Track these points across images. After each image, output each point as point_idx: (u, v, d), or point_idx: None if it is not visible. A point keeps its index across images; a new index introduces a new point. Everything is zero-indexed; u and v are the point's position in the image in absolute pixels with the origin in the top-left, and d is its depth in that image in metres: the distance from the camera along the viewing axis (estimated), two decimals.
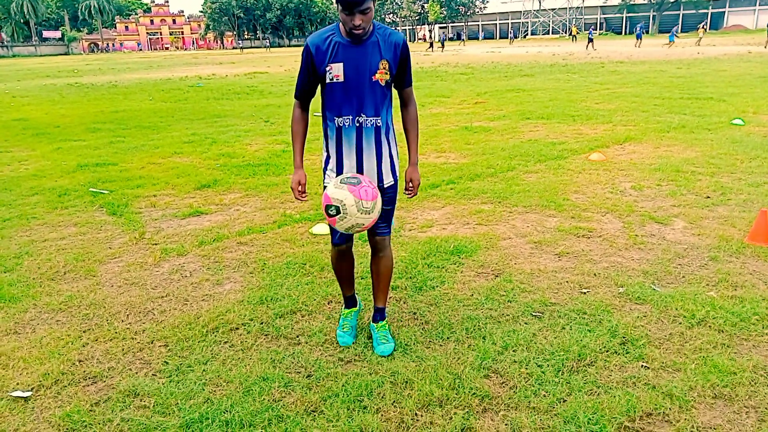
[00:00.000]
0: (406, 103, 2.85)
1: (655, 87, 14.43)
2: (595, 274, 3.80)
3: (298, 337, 3.15)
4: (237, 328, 3.26)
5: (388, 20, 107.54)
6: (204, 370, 2.86)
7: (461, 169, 6.68)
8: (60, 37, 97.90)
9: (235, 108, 13.62)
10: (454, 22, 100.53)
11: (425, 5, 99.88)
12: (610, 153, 7.27)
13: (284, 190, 5.98)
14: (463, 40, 49.81)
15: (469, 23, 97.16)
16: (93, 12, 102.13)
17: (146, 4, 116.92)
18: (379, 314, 3.09)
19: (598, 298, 3.47)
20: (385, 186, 2.85)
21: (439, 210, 5.30)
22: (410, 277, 3.84)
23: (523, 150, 7.53)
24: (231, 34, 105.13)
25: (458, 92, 15.13)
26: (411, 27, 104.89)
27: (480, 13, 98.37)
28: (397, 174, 2.92)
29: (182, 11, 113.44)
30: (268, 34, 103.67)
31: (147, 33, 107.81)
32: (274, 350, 3.01)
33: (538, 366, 2.79)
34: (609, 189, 5.71)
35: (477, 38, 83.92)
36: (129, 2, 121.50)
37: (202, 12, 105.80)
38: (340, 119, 2.71)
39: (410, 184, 2.88)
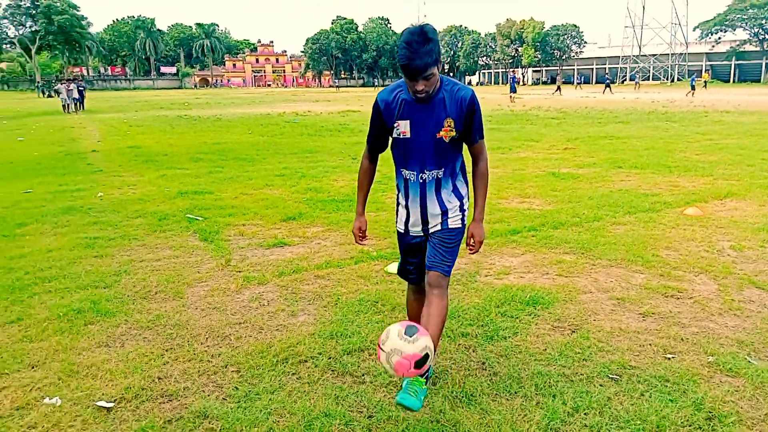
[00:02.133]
0: (475, 158, 2.82)
1: (764, 139, 13.51)
2: (682, 339, 3.56)
3: (363, 375, 3.17)
4: (306, 361, 3.33)
5: (481, 62, 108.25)
6: (270, 399, 2.93)
7: (545, 216, 6.53)
8: (175, 72, 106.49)
9: (325, 144, 14.14)
10: (548, 66, 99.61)
11: (519, 49, 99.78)
12: (709, 208, 6.85)
13: None
14: (559, 87, 48.24)
15: (563, 67, 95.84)
16: (205, 50, 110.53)
17: (253, 44, 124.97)
18: None
19: (684, 365, 3.24)
20: (450, 227, 2.83)
21: (518, 257, 5.19)
22: (482, 325, 3.76)
23: (613, 200, 7.25)
24: (328, 72, 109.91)
25: (548, 137, 14.89)
26: (504, 70, 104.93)
27: (575, 57, 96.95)
28: (465, 221, 2.90)
29: (285, 51, 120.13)
30: (363, 73, 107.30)
31: (252, 70, 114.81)
32: (339, 387, 3.04)
33: None
34: (705, 247, 5.37)
35: (571, 82, 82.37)
36: (238, 42, 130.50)
37: (303, 52, 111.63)
38: (407, 172, 2.79)
39: (472, 240, 2.85)
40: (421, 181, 2.76)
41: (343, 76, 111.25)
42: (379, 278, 4.66)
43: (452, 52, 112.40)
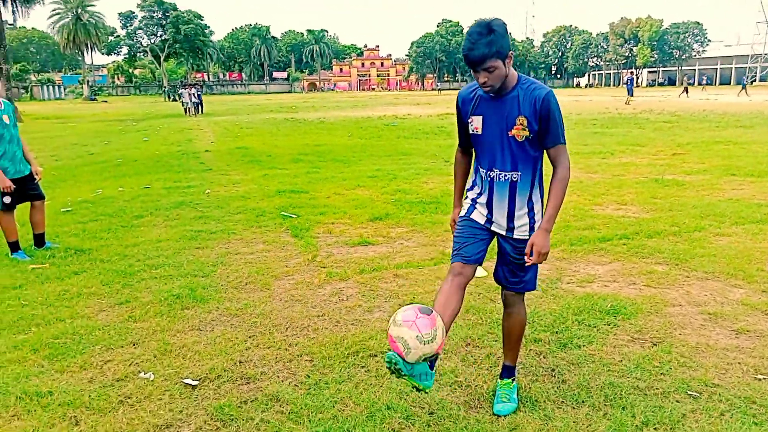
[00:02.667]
0: (553, 163, 2.65)
1: None
2: None
3: None
4: (375, 355, 3.44)
5: (591, 64, 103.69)
6: (338, 389, 3.07)
7: (640, 224, 6.22)
8: (286, 77, 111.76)
9: (421, 147, 14.27)
10: (665, 66, 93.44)
11: (634, 48, 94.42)
12: None
13: (447, 229, 6.13)
14: (686, 89, 44.70)
15: (683, 68, 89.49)
16: (315, 56, 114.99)
17: (360, 49, 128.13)
18: (506, 371, 2.98)
19: None
20: (516, 237, 2.75)
21: (605, 266, 5.00)
22: (556, 332, 3.69)
23: (719, 209, 6.75)
24: (431, 75, 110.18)
25: (656, 141, 14.04)
26: (616, 71, 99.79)
27: (697, 57, 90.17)
28: None
29: (390, 55, 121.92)
30: (466, 76, 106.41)
31: (358, 74, 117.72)
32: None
33: None
34: None
35: (692, 84, 76.70)
36: (345, 47, 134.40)
37: (407, 56, 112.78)
38: (480, 168, 2.79)
39: (531, 249, 2.61)
40: (489, 179, 2.72)
41: (446, 78, 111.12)
42: None
43: (560, 53, 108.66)
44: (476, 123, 2.70)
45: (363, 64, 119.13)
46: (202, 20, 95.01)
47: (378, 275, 4.85)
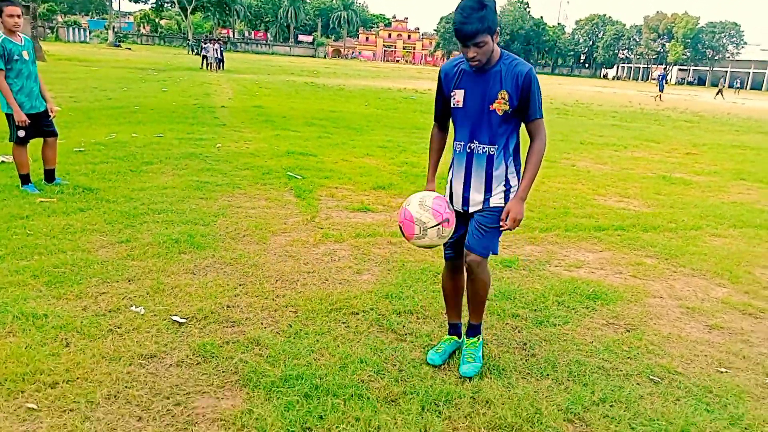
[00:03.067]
0: (531, 136, 2.79)
1: None
2: (744, 357, 3.39)
3: (406, 335, 3.36)
4: (357, 313, 3.58)
5: (621, 56, 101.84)
6: (317, 340, 3.22)
7: (638, 217, 6.27)
8: (311, 41, 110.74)
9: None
10: (696, 66, 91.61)
11: (666, 44, 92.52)
12: None
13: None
14: (720, 91, 43.91)
15: (714, 68, 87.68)
16: (342, 22, 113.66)
17: (388, 19, 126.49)
18: (471, 330, 3.11)
19: (735, 381, 3.11)
20: (491, 206, 2.85)
21: (596, 253, 5.08)
22: (534, 310, 3.81)
23: (721, 211, 6.78)
24: (458, 52, 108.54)
25: (672, 139, 13.93)
26: (646, 65, 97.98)
27: (731, 58, 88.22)
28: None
29: (418, 28, 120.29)
30: None
31: (383, 45, 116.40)
32: (380, 340, 3.27)
33: (631, 428, 2.63)
34: None
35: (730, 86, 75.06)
36: (374, 16, 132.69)
37: (435, 30, 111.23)
38: (457, 143, 2.88)
39: (506, 216, 2.78)
40: (468, 151, 2.81)
41: None
42: None
43: (591, 43, 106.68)
44: (458, 96, 2.79)
45: (390, 35, 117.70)
46: None
47: (372, 240, 4.97)
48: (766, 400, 2.95)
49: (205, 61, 34.27)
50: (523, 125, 2.83)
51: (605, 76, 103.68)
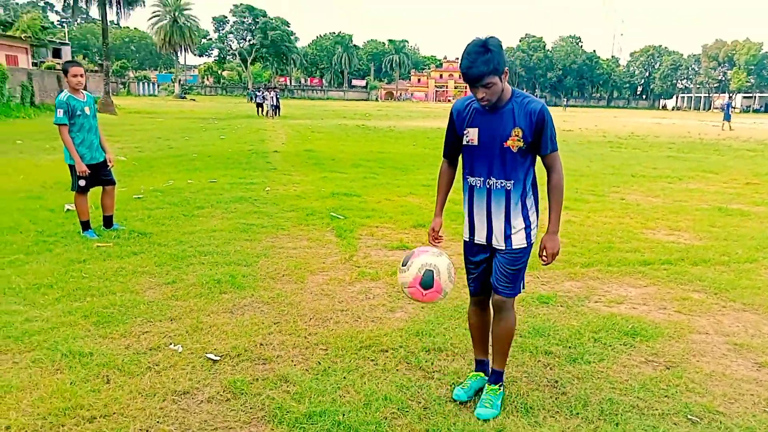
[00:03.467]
0: (548, 170, 2.87)
1: None
2: None
3: (433, 372, 3.36)
4: (386, 351, 3.61)
5: (680, 86, 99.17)
6: (344, 377, 3.27)
7: (688, 250, 6.04)
8: (364, 85, 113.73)
9: None
10: (763, 92, 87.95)
11: (728, 72, 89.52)
12: None
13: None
14: None
15: None
16: (394, 65, 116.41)
17: (439, 60, 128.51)
18: (494, 376, 3.06)
19: None
20: (514, 247, 2.89)
21: (639, 288, 4.93)
22: (569, 347, 3.72)
23: None
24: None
25: (732, 170, 13.38)
26: (706, 95, 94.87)
27: None
28: (532, 239, 2.93)
29: None
30: (545, 92, 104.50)
31: (435, 85, 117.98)
32: (407, 377, 3.28)
33: None
34: None
35: None
36: (425, 58, 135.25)
37: None
38: (473, 179, 2.91)
39: (544, 252, 2.90)
40: (487, 187, 2.86)
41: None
42: None
43: (647, 74, 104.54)
44: (472, 135, 2.85)
45: (441, 76, 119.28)
46: (288, 27, 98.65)
47: None
48: None
49: (261, 109, 35.80)
50: (539, 160, 2.88)
51: (664, 107, 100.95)
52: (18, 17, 51.19)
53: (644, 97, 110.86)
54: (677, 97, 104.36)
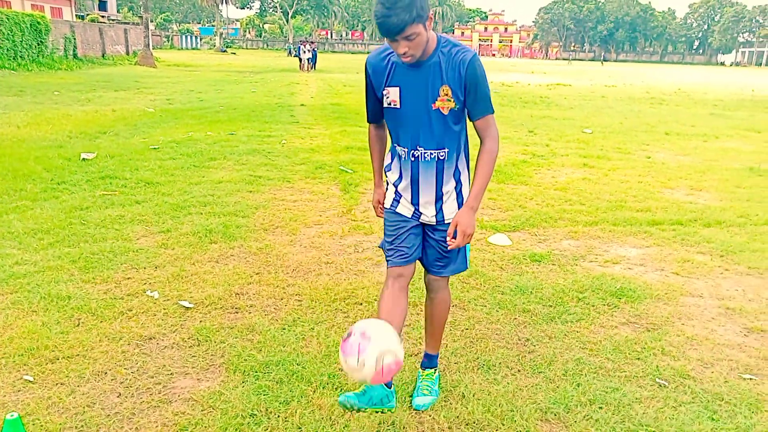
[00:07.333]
0: (480, 135, 2.33)
1: None
2: None
3: (405, 325, 3.31)
4: (360, 304, 3.59)
5: (741, 39, 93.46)
6: (311, 328, 3.26)
7: (703, 211, 5.75)
8: None
9: (511, 115, 13.88)
10: None
11: None
12: None
13: (491, 198, 6.05)
14: None
15: None
16: (437, 18, 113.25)
17: (484, 13, 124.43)
18: (427, 360, 2.73)
19: (757, 390, 2.78)
20: (446, 221, 2.45)
21: (641, 248, 4.73)
22: (549, 305, 3.62)
23: None
24: (557, 44, 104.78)
25: None
26: None
27: None
28: None
29: (515, 20, 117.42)
30: (594, 46, 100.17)
31: (479, 39, 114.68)
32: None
33: None
34: None
35: None
36: (470, 10, 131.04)
37: (534, 22, 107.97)
38: (399, 148, 2.43)
39: (455, 230, 2.30)
40: (413, 159, 2.38)
41: (573, 47, 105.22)
42: (480, 246, 4.67)
43: (705, 27, 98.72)
44: (393, 95, 2.33)
45: (486, 29, 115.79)
46: None
47: None
48: None
49: (302, 63, 35.54)
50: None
51: (722, 63, 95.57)
52: None
53: (701, 51, 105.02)
54: (737, 52, 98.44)
